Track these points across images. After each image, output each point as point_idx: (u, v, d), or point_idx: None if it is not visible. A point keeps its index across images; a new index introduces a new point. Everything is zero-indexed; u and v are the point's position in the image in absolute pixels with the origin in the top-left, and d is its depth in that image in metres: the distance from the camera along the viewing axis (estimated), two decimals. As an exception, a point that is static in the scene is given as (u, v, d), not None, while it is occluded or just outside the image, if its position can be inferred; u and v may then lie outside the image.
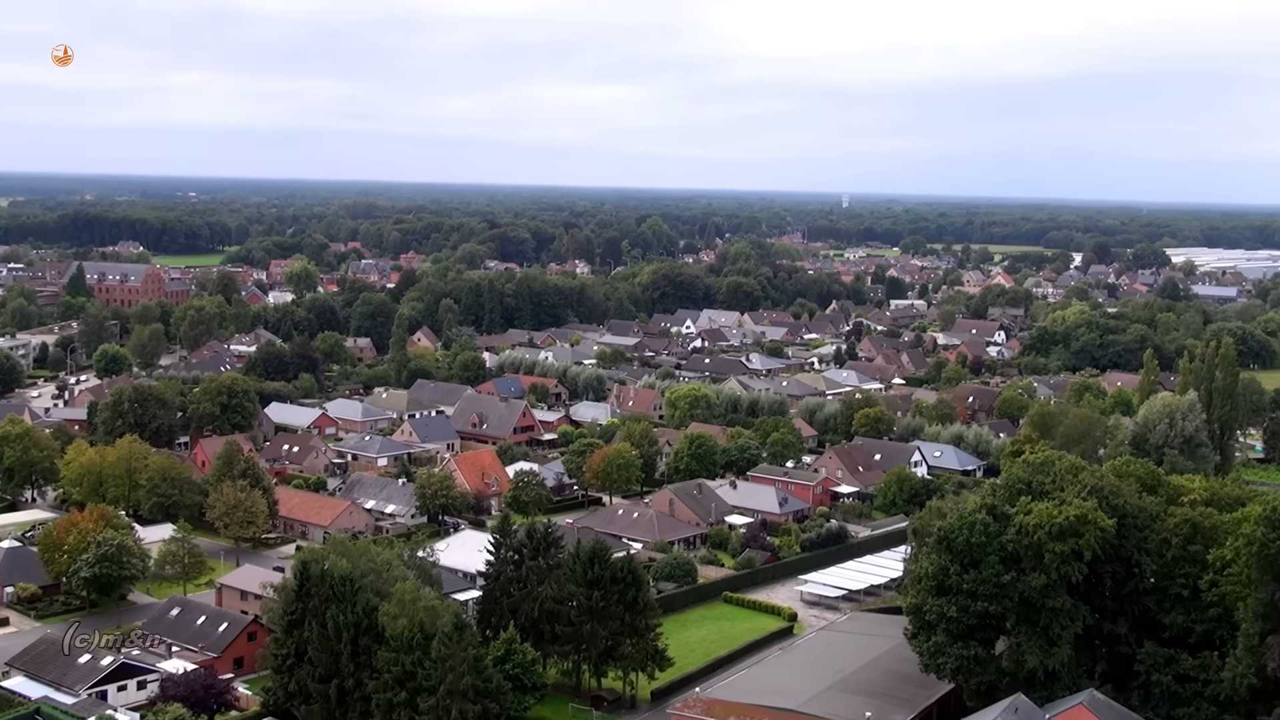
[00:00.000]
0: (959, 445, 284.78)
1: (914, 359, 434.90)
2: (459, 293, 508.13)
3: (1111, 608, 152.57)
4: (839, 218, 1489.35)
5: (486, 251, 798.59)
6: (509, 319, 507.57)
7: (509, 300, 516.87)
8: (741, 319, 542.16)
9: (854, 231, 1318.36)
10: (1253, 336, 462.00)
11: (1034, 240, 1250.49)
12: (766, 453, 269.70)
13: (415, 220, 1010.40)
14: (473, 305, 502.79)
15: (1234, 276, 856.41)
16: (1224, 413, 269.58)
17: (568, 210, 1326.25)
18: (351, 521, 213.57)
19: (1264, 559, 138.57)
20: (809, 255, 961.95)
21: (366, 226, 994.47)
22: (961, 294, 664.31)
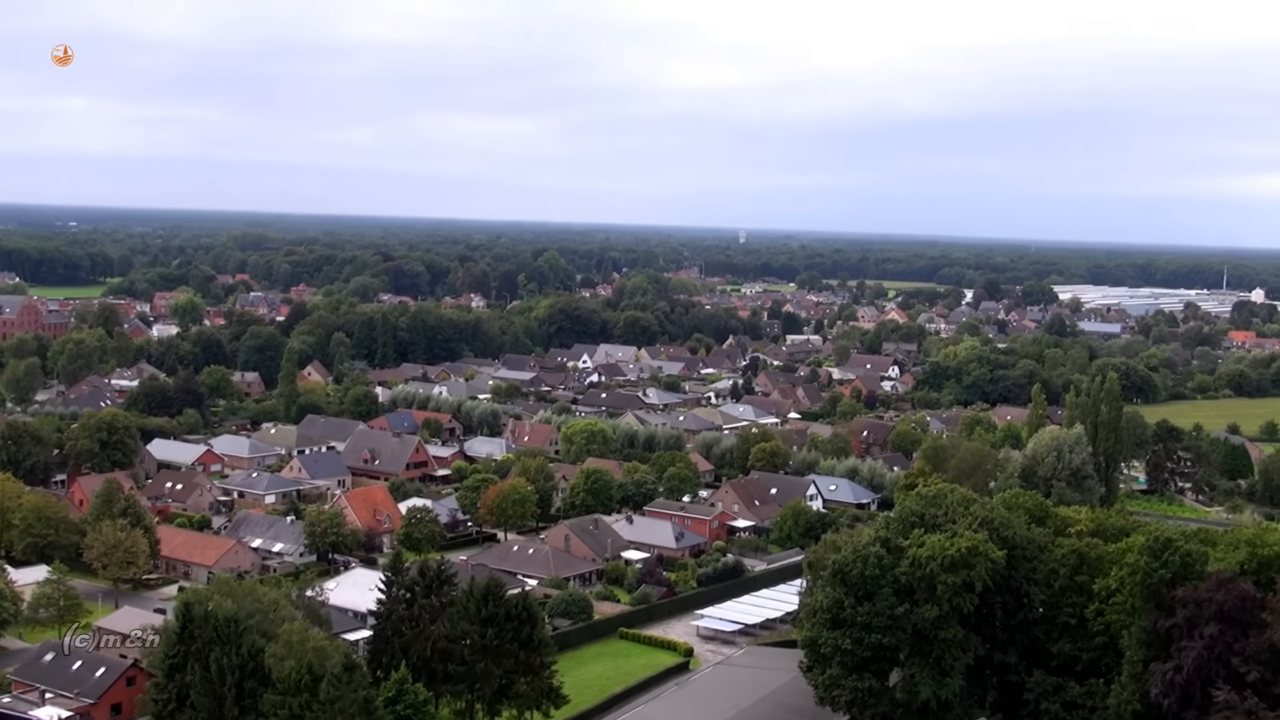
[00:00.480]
0: (854, 479, 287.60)
1: (810, 393, 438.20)
2: (351, 326, 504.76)
3: (1002, 638, 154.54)
4: (736, 253, 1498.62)
5: (380, 284, 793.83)
6: (402, 353, 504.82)
7: (402, 334, 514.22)
8: (638, 354, 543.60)
9: (751, 267, 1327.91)
10: (1135, 372, 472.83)
11: (927, 277, 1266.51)
12: (663, 487, 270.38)
13: (307, 252, 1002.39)
14: (365, 339, 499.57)
15: (1118, 313, 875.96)
16: (1109, 445, 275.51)
17: (463, 243, 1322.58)
18: (237, 561, 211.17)
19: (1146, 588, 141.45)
20: (706, 290, 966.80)
21: (256, 258, 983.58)
22: (856, 329, 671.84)
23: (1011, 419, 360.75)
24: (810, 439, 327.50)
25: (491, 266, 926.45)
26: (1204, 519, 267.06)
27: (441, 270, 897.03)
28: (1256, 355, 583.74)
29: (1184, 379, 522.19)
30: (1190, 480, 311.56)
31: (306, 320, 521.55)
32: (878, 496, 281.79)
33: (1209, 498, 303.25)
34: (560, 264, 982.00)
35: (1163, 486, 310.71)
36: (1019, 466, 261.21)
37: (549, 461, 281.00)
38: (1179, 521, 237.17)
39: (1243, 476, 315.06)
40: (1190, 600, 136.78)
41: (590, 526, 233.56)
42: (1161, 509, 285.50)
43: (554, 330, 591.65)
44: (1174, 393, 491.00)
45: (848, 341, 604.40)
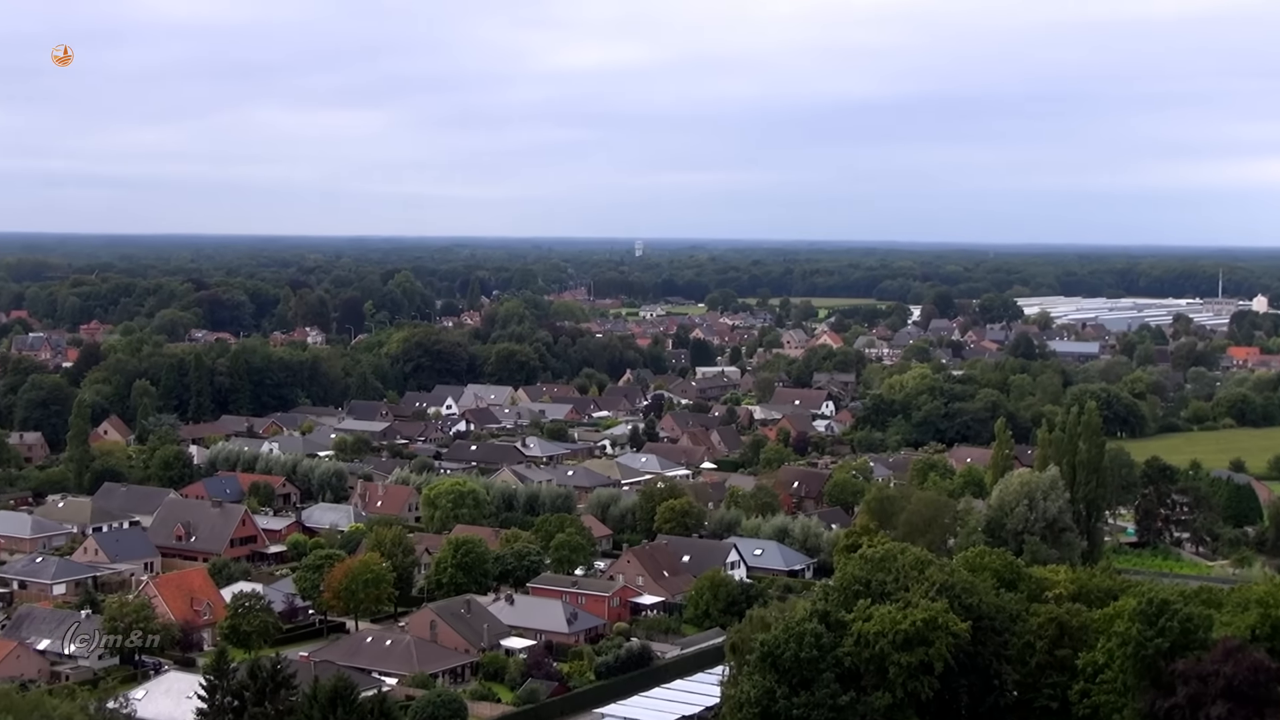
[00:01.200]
0: (784, 540, 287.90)
1: (727, 438, 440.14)
2: (157, 371, 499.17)
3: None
4: (632, 268, 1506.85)
5: (192, 319, 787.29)
6: (222, 403, 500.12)
7: (222, 379, 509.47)
8: (515, 395, 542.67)
9: (651, 285, 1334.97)
10: (1119, 400, 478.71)
11: (865, 291, 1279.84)
12: (550, 559, 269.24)
13: (99, 281, 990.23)
14: (175, 387, 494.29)
15: (1095, 329, 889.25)
16: (1090, 490, 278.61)
17: (295, 265, 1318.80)
18: (20, 668, 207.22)
19: (1141, 661, 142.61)
20: (596, 315, 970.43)
21: (35, 290, 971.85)
22: (781, 358, 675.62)
23: (972, 462, 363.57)
24: (729, 494, 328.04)
25: (331, 293, 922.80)
26: (1206, 575, 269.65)
27: (269, 299, 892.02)
28: (1261, 376, 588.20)
29: (1176, 407, 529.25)
30: (1188, 529, 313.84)
31: (101, 366, 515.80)
32: (813, 561, 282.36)
33: (1211, 549, 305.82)
34: (416, 288, 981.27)
35: (1155, 537, 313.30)
36: (983, 519, 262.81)
37: (408, 531, 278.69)
38: (1176, 579, 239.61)
39: (1250, 523, 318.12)
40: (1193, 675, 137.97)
41: (461, 610, 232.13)
42: (1155, 565, 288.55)
43: (410, 369, 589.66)
44: (1165, 424, 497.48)
45: (771, 373, 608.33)
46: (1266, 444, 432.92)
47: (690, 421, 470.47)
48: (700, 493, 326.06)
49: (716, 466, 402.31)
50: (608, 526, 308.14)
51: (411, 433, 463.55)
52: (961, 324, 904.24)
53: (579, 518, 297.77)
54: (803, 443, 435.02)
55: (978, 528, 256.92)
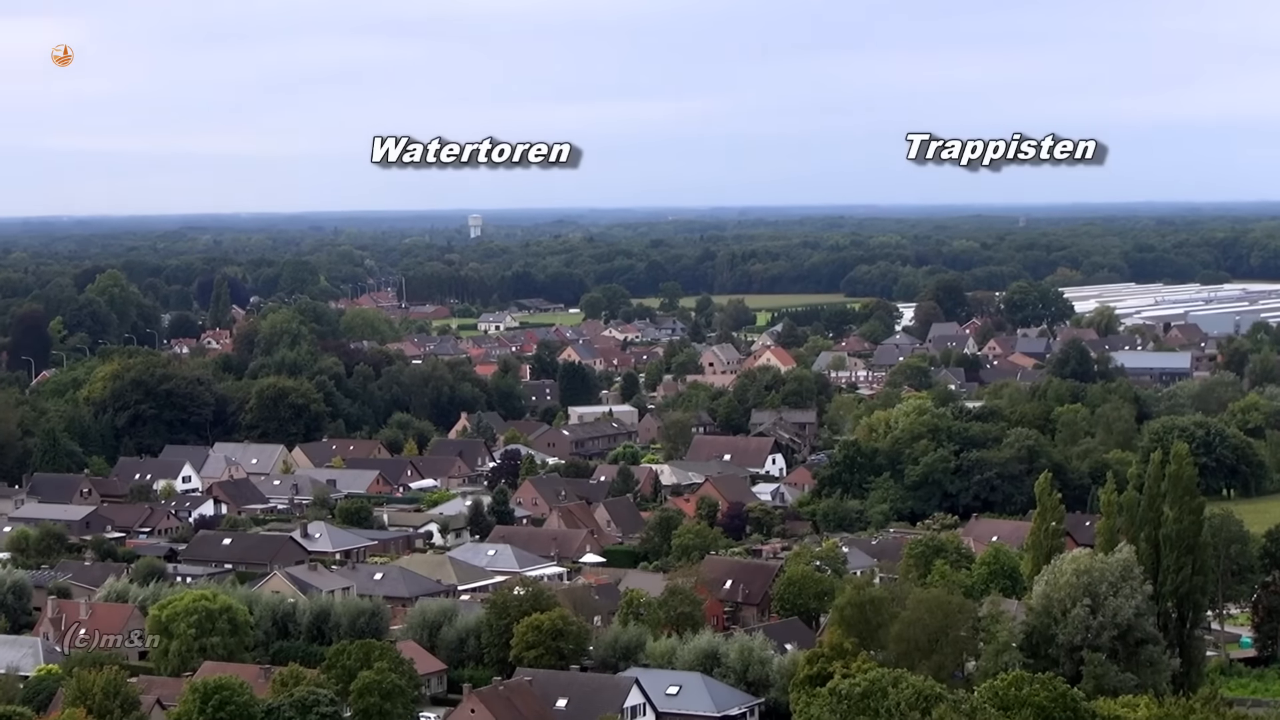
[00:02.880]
0: (712, 671, 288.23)
1: (619, 515, 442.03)
2: None
3: None
4: (467, 257, 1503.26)
5: None
6: None
7: None
8: (289, 458, 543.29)
9: (495, 282, 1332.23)
10: (1224, 440, 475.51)
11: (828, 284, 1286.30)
12: (352, 709, 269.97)
13: None
14: None
15: (1185, 333, 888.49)
16: (1184, 579, 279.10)
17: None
18: None
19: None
20: (412, 330, 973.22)
21: None
22: (701, 389, 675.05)
23: (1000, 541, 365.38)
24: (626, 601, 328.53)
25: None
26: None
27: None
28: None
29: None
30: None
31: None
32: (759, 701, 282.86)
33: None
34: (132, 294, 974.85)
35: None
36: (1020, 629, 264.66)
37: (130, 674, 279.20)
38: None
39: None
40: None
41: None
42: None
43: (125, 422, 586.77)
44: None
45: (686, 414, 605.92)
46: None
47: (563, 492, 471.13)
48: (582, 601, 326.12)
49: (605, 560, 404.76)
50: (439, 658, 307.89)
51: (130, 520, 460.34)
52: (979, 329, 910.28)
53: (394, 645, 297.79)
54: (738, 519, 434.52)
55: (1012, 643, 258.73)
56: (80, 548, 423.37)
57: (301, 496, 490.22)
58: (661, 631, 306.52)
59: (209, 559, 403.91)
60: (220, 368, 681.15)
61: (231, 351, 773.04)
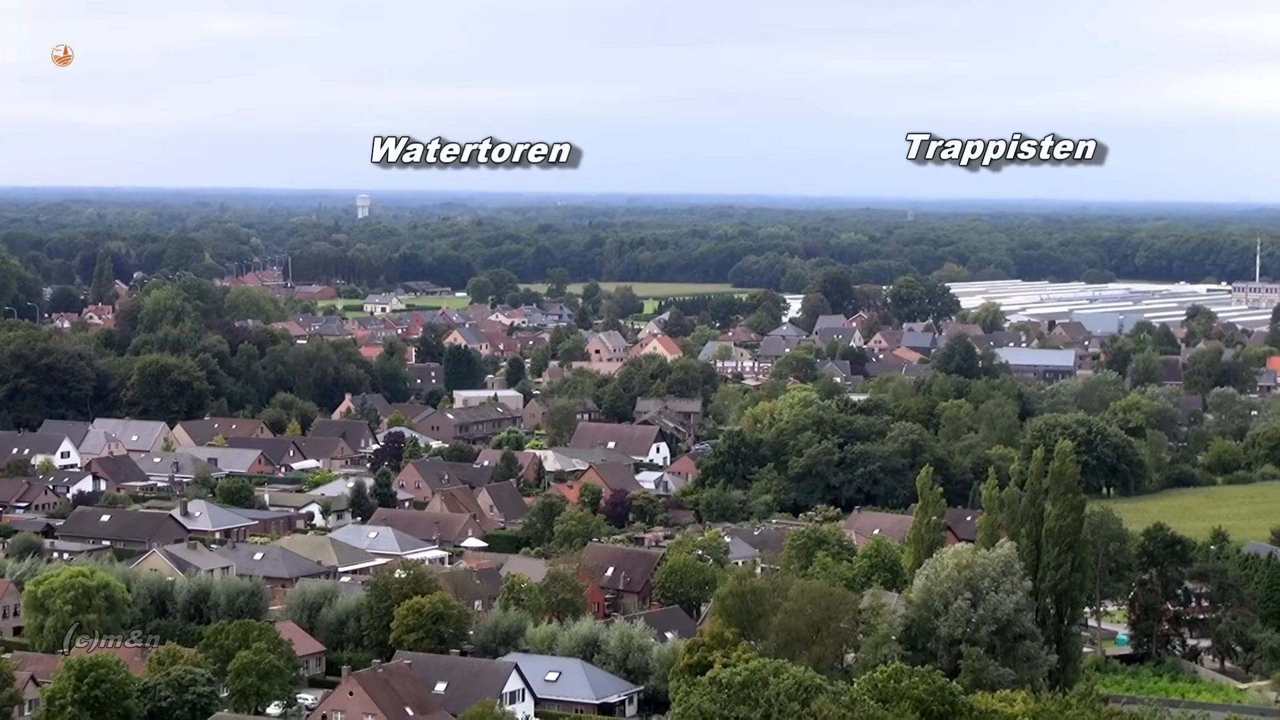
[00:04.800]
0: (592, 658, 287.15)
1: (502, 500, 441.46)
2: None
3: None
4: (354, 237, 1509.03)
5: None
6: None
7: None
8: (170, 436, 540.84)
9: (382, 264, 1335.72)
10: (1104, 439, 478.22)
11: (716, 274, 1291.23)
12: (230, 689, 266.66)
13: None
14: None
15: (1069, 330, 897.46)
16: (1063, 576, 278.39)
17: None
18: None
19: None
20: (297, 310, 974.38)
21: None
22: (587, 376, 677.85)
23: (882, 534, 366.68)
24: (508, 586, 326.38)
25: None
26: (1237, 704, 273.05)
27: None
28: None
29: (1192, 449, 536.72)
30: (1209, 634, 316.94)
31: None
32: (638, 689, 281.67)
33: (1244, 664, 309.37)
34: (12, 267, 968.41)
35: (1160, 647, 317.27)
36: (900, 622, 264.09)
37: (3, 650, 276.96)
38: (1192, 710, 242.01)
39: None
40: None
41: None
42: (1160, 689, 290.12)
43: (4, 395, 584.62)
44: (1175, 475, 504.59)
45: (571, 400, 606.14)
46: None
47: (446, 475, 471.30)
48: (463, 585, 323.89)
49: (487, 545, 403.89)
50: (318, 639, 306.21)
51: (6, 495, 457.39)
52: (865, 322, 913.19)
53: (273, 625, 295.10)
54: (621, 507, 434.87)
55: (891, 635, 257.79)
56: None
57: (182, 474, 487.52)
58: (542, 617, 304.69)
59: (87, 535, 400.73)
60: (102, 343, 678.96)
61: (114, 327, 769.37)
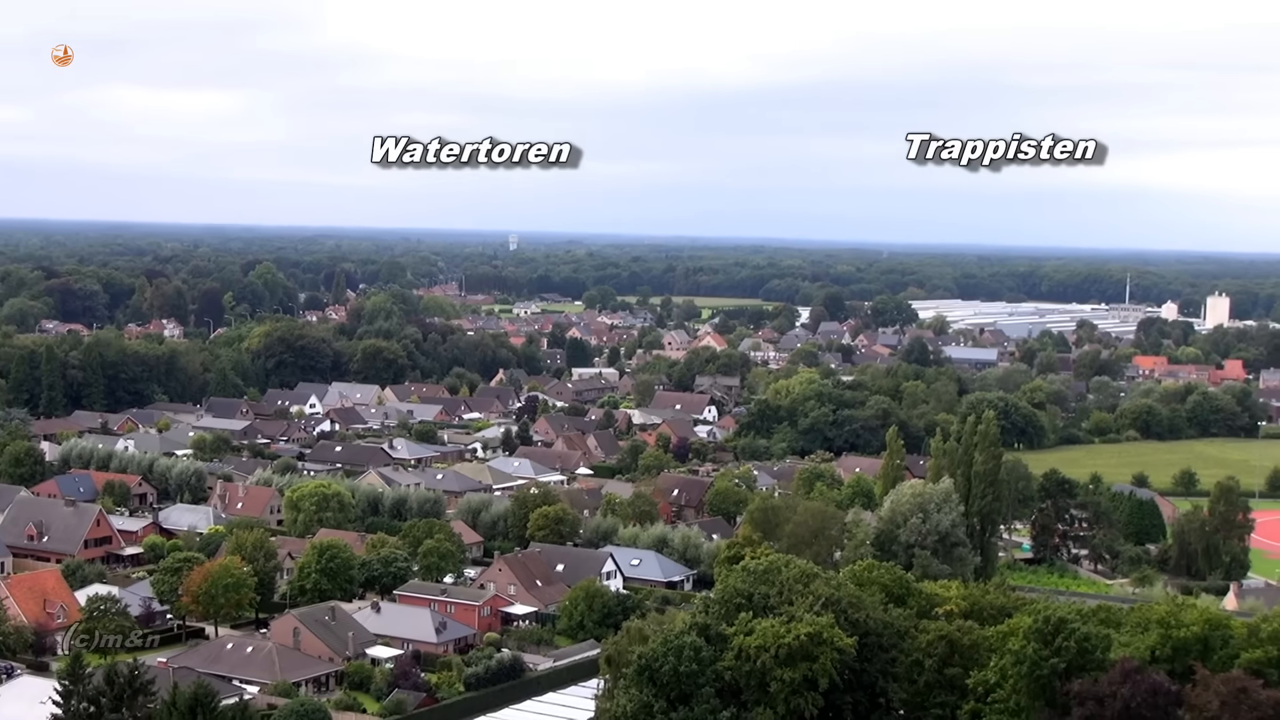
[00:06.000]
0: (662, 550, 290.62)
1: (604, 442, 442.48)
2: (6, 363, 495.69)
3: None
4: (506, 263, 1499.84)
5: (43, 309, 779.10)
6: (75, 398, 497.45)
7: (75, 372, 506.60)
8: (382, 394, 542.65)
9: (525, 281, 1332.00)
10: (1017, 409, 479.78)
11: (751, 291, 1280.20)
12: (418, 565, 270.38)
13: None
14: (25, 380, 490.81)
15: (994, 335, 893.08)
16: (985, 503, 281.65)
17: (151, 254, 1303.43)
18: None
19: (1035, 681, 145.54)
20: (468, 312, 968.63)
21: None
22: (662, 360, 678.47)
23: (861, 472, 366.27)
24: (606, 501, 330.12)
25: (189, 284, 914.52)
26: (1104, 594, 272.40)
27: (123, 290, 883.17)
28: (1168, 387, 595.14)
29: (1078, 418, 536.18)
30: (1087, 545, 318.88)
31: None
32: (693, 573, 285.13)
33: (1110, 567, 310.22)
34: (279, 279, 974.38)
35: (1053, 554, 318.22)
36: (872, 531, 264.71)
37: (270, 534, 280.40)
38: (1073, 598, 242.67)
39: (1152, 540, 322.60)
40: (1090, 695, 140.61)
41: (326, 617, 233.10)
42: (1052, 582, 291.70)
43: (273, 365, 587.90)
44: (1066, 435, 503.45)
45: (651, 376, 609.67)
46: (1171, 458, 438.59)
47: (566, 425, 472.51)
48: (576, 499, 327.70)
49: (593, 472, 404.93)
50: (478, 533, 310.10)
51: (273, 432, 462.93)
52: (852, 327, 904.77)
53: (448, 523, 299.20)
54: (683, 449, 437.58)
55: (866, 540, 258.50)
56: (239, 448, 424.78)
57: (389, 421, 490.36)
58: (629, 522, 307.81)
59: (325, 460, 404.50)
60: (337, 332, 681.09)
61: (345, 321, 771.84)
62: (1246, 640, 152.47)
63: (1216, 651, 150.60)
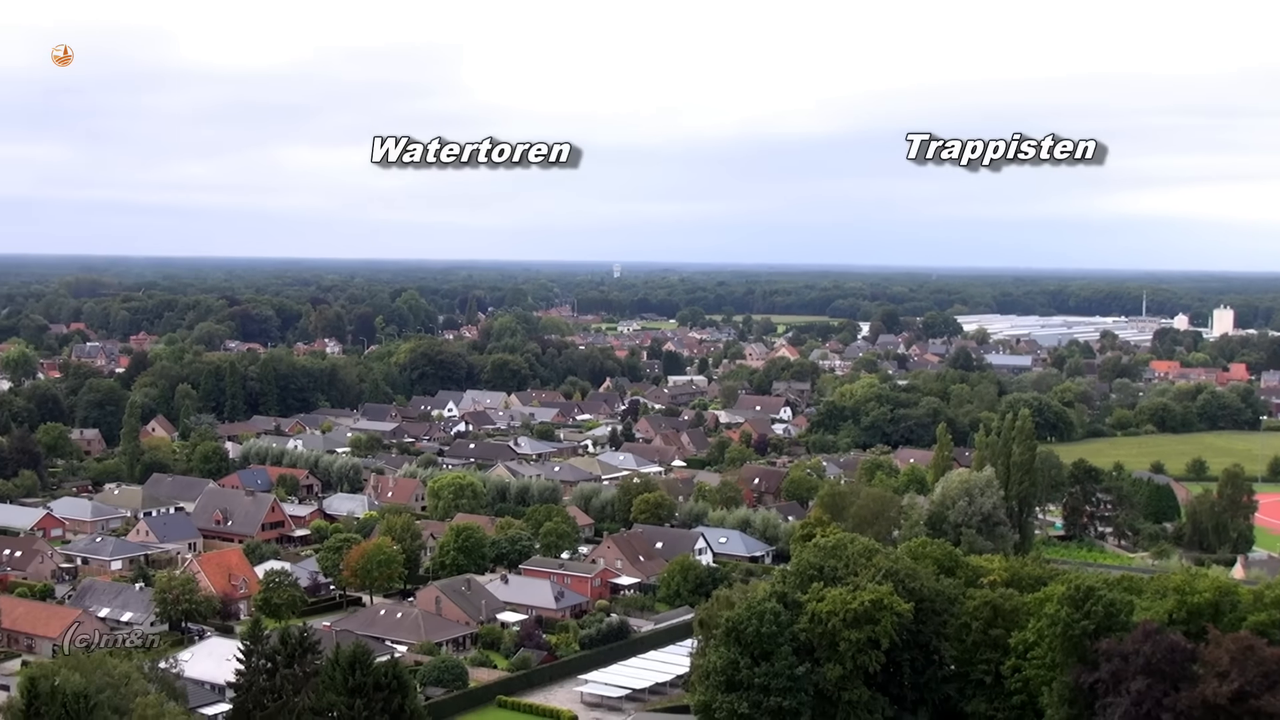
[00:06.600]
0: (745, 530, 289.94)
1: (695, 439, 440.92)
2: (196, 377, 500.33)
3: (911, 698, 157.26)
4: (611, 288, 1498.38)
5: (226, 331, 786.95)
6: (253, 405, 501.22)
7: (253, 384, 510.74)
8: (508, 400, 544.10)
9: (627, 303, 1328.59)
10: (1049, 408, 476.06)
11: (819, 310, 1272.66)
12: (539, 544, 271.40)
13: (146, 298, 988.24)
14: (212, 390, 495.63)
15: (1028, 344, 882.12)
16: (1022, 488, 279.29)
17: (315, 284, 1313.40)
18: (84, 632, 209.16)
19: (1068, 640, 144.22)
20: (579, 329, 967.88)
21: (91, 305, 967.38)
22: (744, 368, 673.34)
23: (915, 462, 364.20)
24: (697, 488, 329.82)
25: (346, 309, 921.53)
26: (1127, 566, 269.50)
27: (292, 314, 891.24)
28: (1180, 387, 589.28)
29: (1102, 415, 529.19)
30: (1111, 524, 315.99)
31: (148, 371, 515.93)
32: (772, 549, 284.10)
33: (1132, 543, 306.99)
34: (421, 304, 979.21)
35: (1081, 532, 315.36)
36: (925, 513, 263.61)
37: (415, 518, 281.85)
38: (1100, 569, 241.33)
39: (1168, 519, 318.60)
40: (1115, 653, 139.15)
41: (462, 587, 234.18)
42: (1081, 556, 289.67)
43: (416, 376, 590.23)
44: (1091, 430, 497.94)
45: (735, 382, 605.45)
46: (1184, 448, 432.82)
47: (663, 424, 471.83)
48: (671, 487, 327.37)
49: (686, 464, 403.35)
50: (590, 516, 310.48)
51: (417, 432, 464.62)
52: (906, 339, 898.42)
53: (564, 508, 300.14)
54: (763, 444, 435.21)
55: (920, 521, 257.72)
56: (389, 446, 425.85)
57: (514, 422, 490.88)
58: (717, 507, 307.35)
59: (461, 456, 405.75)
60: (470, 348, 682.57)
61: (477, 339, 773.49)
62: (1252, 605, 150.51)
63: (1226, 615, 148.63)
